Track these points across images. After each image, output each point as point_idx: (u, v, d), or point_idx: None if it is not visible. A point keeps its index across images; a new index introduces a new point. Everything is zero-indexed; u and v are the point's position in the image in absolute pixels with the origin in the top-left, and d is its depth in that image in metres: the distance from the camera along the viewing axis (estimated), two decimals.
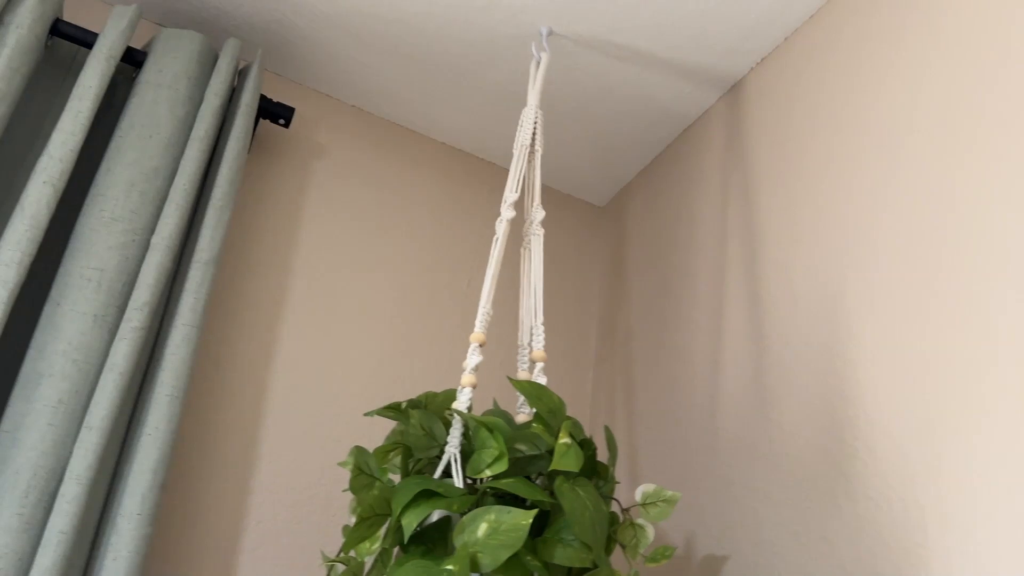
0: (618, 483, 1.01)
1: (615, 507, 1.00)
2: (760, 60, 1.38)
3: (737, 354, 1.24)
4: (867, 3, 1.17)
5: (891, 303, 0.98)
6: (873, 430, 0.96)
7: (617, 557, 1.13)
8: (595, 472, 0.96)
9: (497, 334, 1.52)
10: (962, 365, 0.86)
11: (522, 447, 0.92)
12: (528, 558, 0.84)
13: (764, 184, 1.30)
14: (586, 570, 0.91)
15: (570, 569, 0.91)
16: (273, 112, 1.39)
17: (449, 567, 0.77)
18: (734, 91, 1.44)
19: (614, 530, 0.98)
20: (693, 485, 1.24)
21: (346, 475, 1.29)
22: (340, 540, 1.21)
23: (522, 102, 1.53)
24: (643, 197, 1.66)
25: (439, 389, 1.43)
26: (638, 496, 1.02)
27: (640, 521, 1.00)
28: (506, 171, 1.70)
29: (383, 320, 1.44)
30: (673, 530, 1.24)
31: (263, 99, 1.38)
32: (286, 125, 1.40)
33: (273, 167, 1.45)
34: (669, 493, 1.00)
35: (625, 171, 1.70)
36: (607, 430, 1.01)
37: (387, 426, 1.37)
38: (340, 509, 1.27)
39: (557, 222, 1.74)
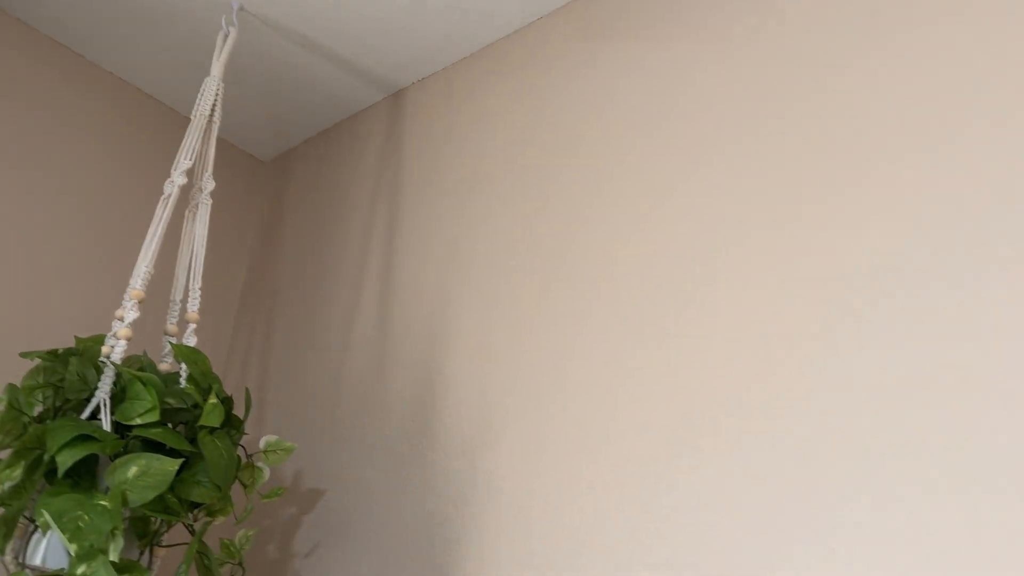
0: (247, 435, 1.20)
1: (240, 452, 1.20)
2: (420, 79, 1.62)
3: (367, 328, 1.48)
4: (500, 65, 1.46)
5: (479, 312, 1.29)
6: (454, 406, 1.27)
7: (236, 493, 1.33)
8: (230, 423, 1.15)
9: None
10: (513, 364, 1.20)
11: (171, 400, 1.08)
12: (167, 495, 1.01)
13: (407, 184, 1.55)
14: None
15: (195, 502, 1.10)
16: None
17: (103, 502, 0.92)
18: (397, 96, 1.66)
19: (238, 472, 1.17)
20: (312, 433, 1.47)
21: None
22: None
23: (206, 56, 1.59)
24: (306, 163, 1.83)
25: (77, 315, 1.48)
26: (261, 444, 1.22)
27: (259, 464, 1.21)
28: (182, 117, 1.75)
29: (26, 240, 1.45)
30: (287, 467, 1.46)
31: None
32: None
33: None
34: (287, 444, 1.22)
35: (292, 136, 1.84)
36: (247, 391, 1.20)
37: (4, 345, 1.40)
38: None
39: (218, 168, 1.82)
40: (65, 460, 0.94)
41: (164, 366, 1.22)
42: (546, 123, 1.35)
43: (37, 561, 0.99)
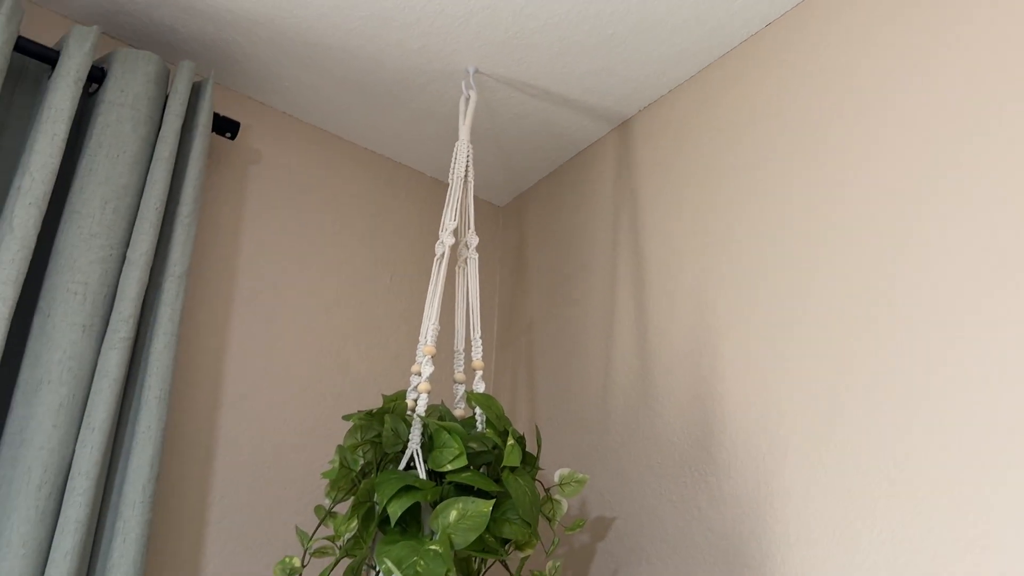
0: (542, 469, 1.27)
1: (538, 487, 1.26)
2: (646, 105, 1.65)
3: (626, 354, 1.52)
4: (733, 78, 1.45)
5: (749, 324, 1.28)
6: (733, 423, 1.27)
7: (541, 526, 1.41)
8: (525, 460, 1.22)
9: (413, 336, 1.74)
10: (793, 374, 1.18)
11: (473, 445, 1.16)
12: (484, 534, 1.09)
13: (647, 207, 1.58)
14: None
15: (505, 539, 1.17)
16: (220, 126, 1.52)
17: (434, 547, 1.01)
18: (623, 127, 1.70)
19: (541, 506, 1.24)
20: (586, 461, 1.52)
21: (297, 456, 1.49)
22: (296, 510, 1.42)
23: (446, 120, 1.72)
24: (541, 202, 1.91)
25: (373, 375, 1.64)
26: (556, 478, 1.28)
27: (557, 497, 1.27)
28: (429, 178, 1.90)
29: (320, 313, 1.62)
30: (572, 498, 1.52)
31: (214, 115, 1.50)
32: (232, 138, 1.54)
33: (216, 175, 1.58)
34: (581, 476, 1.27)
35: (525, 179, 1.93)
36: (536, 429, 1.27)
37: (319, 408, 1.56)
38: (292, 485, 1.47)
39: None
40: (395, 510, 1.04)
41: (458, 412, 1.31)
42: (780, 126, 1.33)
43: None
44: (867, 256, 1.14)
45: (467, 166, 1.44)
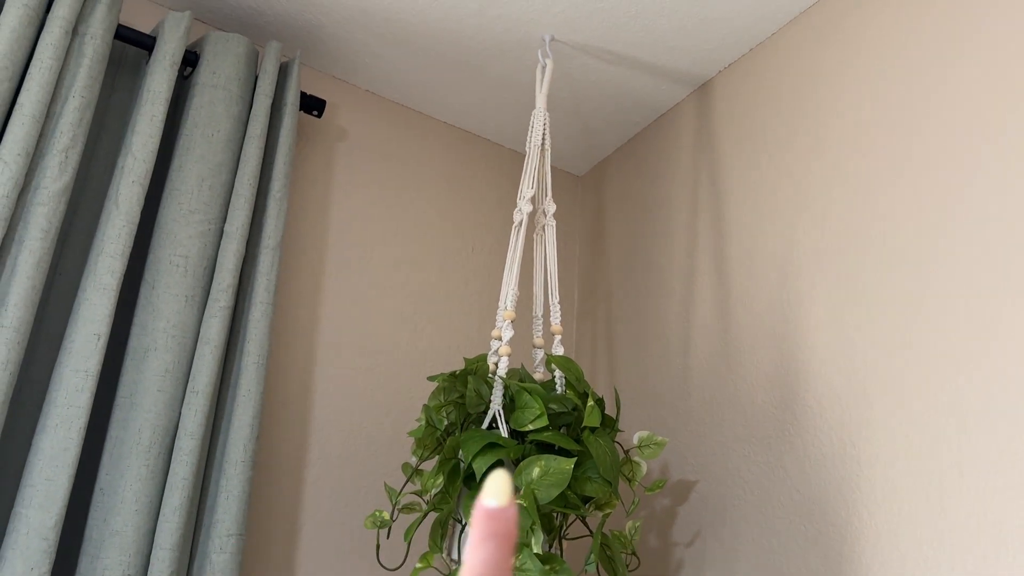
0: (621, 431, 1.29)
1: (618, 450, 1.28)
2: (726, 66, 1.63)
3: (706, 319, 1.52)
4: (821, 31, 1.42)
5: (835, 285, 1.27)
6: (819, 385, 1.26)
7: (621, 487, 1.43)
8: (605, 422, 1.24)
9: (492, 302, 1.77)
10: (881, 337, 1.16)
11: (553, 406, 1.19)
12: (566, 491, 1.12)
13: (729, 171, 1.56)
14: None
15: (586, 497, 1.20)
16: (307, 105, 1.58)
17: (519, 501, 1.04)
18: (703, 89, 1.68)
19: (621, 467, 1.26)
20: (668, 426, 1.53)
21: (385, 418, 1.54)
22: (384, 468, 1.48)
23: (522, 91, 1.74)
24: (620, 171, 1.91)
25: (456, 342, 1.68)
26: (635, 440, 1.30)
27: (636, 459, 1.29)
28: (507, 150, 1.93)
29: (405, 283, 1.67)
30: (653, 461, 1.54)
31: (300, 94, 1.56)
32: (319, 116, 1.59)
33: (305, 152, 1.64)
34: (659, 439, 1.29)
35: (603, 147, 1.94)
36: (615, 391, 1.29)
37: (405, 373, 1.61)
38: (381, 444, 1.53)
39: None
40: (480, 466, 1.08)
41: (538, 376, 1.34)
42: (864, 83, 1.30)
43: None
44: (957, 219, 1.11)
45: (544, 134, 1.45)
